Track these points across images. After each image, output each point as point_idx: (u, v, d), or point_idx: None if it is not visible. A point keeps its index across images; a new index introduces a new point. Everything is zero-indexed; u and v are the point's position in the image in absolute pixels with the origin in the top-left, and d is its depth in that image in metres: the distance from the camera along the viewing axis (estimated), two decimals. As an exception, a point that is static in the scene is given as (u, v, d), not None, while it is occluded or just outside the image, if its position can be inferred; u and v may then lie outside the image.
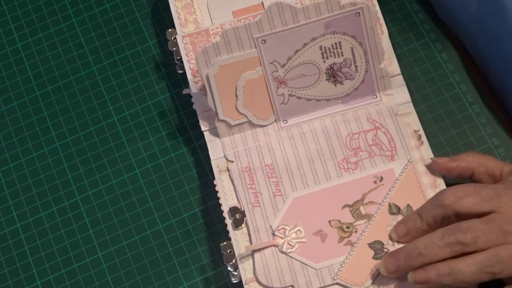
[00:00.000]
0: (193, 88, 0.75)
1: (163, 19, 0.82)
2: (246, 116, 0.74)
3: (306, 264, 0.69)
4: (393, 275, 0.66)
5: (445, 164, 0.69)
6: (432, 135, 0.75)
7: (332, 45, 0.73)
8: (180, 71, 0.78)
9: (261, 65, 0.73)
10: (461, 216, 0.64)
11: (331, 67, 0.73)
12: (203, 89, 0.74)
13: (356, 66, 0.74)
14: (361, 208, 0.70)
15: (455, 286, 0.64)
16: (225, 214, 0.71)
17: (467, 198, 0.64)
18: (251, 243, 0.70)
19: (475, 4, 0.73)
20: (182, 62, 0.76)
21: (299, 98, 0.74)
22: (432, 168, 0.71)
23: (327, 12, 0.71)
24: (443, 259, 0.63)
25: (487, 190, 0.65)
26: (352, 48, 0.73)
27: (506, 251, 0.62)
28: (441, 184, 0.70)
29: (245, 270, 0.69)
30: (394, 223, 0.69)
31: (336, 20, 0.72)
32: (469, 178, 0.69)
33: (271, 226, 0.70)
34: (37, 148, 0.79)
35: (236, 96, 0.73)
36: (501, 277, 0.63)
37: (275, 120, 0.75)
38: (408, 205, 0.70)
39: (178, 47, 0.76)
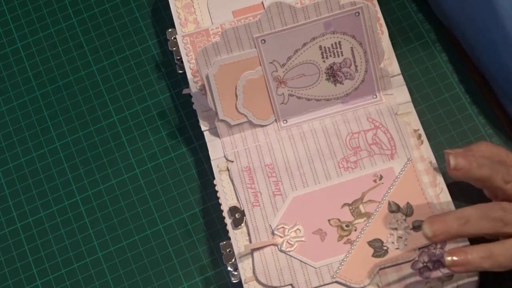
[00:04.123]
0: (193, 88, 0.75)
1: (163, 19, 0.82)
2: (246, 116, 0.74)
3: (305, 263, 0.68)
4: (435, 239, 0.62)
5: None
6: (432, 135, 0.75)
7: (332, 45, 0.73)
8: (180, 71, 0.78)
9: (261, 65, 0.73)
10: None
11: (331, 67, 0.73)
12: (203, 89, 0.74)
13: (356, 66, 0.73)
14: (361, 206, 0.70)
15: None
16: (225, 214, 0.71)
17: None
18: (250, 242, 0.70)
19: (470, 8, 0.73)
20: (182, 62, 0.76)
21: (299, 98, 0.74)
22: (432, 167, 0.71)
23: (327, 12, 0.71)
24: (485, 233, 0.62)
25: None
26: (352, 48, 0.73)
27: None
28: (441, 182, 0.70)
29: (244, 269, 0.69)
30: (394, 221, 0.69)
31: (335, 20, 0.72)
32: None
33: (270, 225, 0.70)
34: (37, 148, 0.79)
35: (236, 96, 0.73)
36: None
37: (275, 120, 0.75)
38: (407, 203, 0.69)
39: (178, 47, 0.76)
